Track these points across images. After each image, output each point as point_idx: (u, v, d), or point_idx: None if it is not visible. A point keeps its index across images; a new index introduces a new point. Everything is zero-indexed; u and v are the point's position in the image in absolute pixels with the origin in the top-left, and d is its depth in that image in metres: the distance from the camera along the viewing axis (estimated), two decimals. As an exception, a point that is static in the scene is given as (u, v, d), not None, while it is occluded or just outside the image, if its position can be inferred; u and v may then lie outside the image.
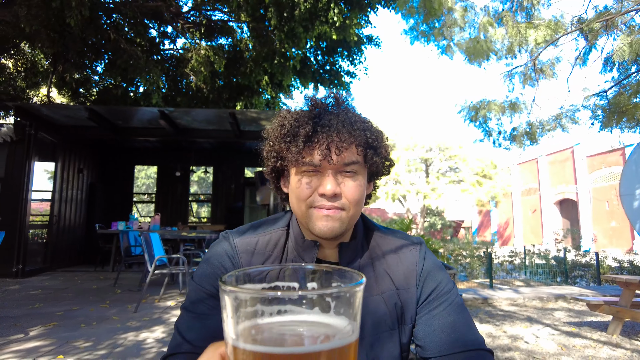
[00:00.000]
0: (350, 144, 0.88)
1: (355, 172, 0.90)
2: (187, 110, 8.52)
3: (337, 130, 0.87)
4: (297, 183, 0.90)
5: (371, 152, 0.91)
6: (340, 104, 0.95)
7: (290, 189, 0.95)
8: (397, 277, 0.94)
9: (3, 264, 7.66)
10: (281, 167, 0.96)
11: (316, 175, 0.89)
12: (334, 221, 0.87)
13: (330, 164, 0.87)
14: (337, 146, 0.86)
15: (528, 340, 4.54)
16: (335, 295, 0.30)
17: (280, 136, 0.91)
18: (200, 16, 9.30)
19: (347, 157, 0.87)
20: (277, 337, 0.30)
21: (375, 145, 0.92)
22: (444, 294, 0.93)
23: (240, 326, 0.30)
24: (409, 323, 0.92)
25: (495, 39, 8.81)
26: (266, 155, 0.97)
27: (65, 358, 3.43)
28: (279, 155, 0.94)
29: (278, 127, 0.93)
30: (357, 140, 0.88)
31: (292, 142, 0.89)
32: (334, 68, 10.41)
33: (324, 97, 0.96)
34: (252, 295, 0.30)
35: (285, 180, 0.99)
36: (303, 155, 0.87)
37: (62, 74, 9.08)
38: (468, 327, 0.89)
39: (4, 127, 8.32)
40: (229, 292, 0.30)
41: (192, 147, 11.40)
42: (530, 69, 9.12)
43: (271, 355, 0.28)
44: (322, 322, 0.30)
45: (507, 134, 9.66)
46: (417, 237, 1.04)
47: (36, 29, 6.81)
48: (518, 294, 7.30)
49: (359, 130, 0.89)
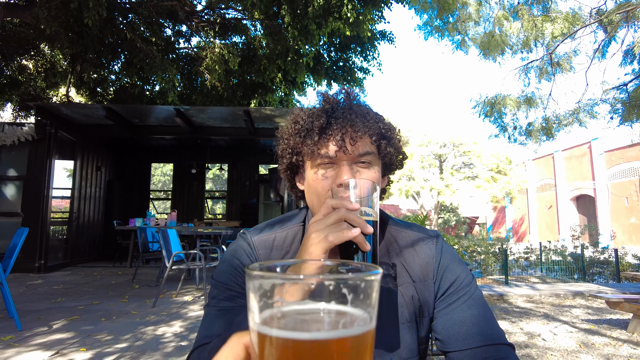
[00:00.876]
0: (364, 133, 0.89)
1: (370, 163, 0.91)
2: (202, 108, 8.61)
3: (351, 121, 0.88)
4: (314, 176, 0.91)
5: (385, 142, 0.93)
6: (352, 99, 0.96)
7: (306, 184, 0.96)
8: (413, 271, 0.94)
9: (26, 260, 7.86)
10: (296, 163, 0.97)
11: (332, 167, 0.90)
12: None
13: (345, 155, 0.88)
14: (352, 136, 0.88)
15: (545, 338, 4.49)
16: (352, 285, 0.31)
17: (295, 132, 0.93)
18: (214, 15, 9.37)
19: (362, 147, 0.89)
20: (301, 323, 0.31)
21: (388, 135, 0.94)
22: (463, 287, 0.92)
23: (264, 312, 0.31)
24: (427, 316, 0.92)
25: (510, 33, 8.69)
26: (281, 154, 0.99)
27: (87, 351, 3.52)
28: (294, 151, 0.95)
29: (292, 123, 0.95)
30: (371, 130, 0.90)
31: (307, 136, 0.90)
32: (347, 64, 10.39)
33: (335, 93, 0.97)
34: (276, 281, 0.31)
35: (301, 177, 1.00)
36: (318, 148, 0.89)
37: (80, 73, 9.26)
38: (488, 321, 0.88)
39: (26, 126, 8.52)
40: (255, 277, 0.31)
41: (208, 145, 11.52)
42: (547, 62, 8.96)
43: (296, 341, 0.29)
44: (341, 310, 0.31)
45: (523, 129, 9.52)
46: (434, 230, 1.02)
47: (56, 30, 6.94)
48: (534, 290, 7.21)
49: (372, 120, 0.91)
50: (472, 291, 0.92)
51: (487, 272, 10.19)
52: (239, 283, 0.91)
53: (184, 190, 12.47)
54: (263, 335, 0.30)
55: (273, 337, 0.30)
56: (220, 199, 17.19)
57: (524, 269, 10.89)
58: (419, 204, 26.60)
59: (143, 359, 3.38)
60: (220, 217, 18.89)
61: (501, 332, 0.87)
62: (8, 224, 8.30)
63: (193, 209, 12.40)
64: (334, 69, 10.37)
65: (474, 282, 0.94)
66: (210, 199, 19.88)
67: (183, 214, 12.10)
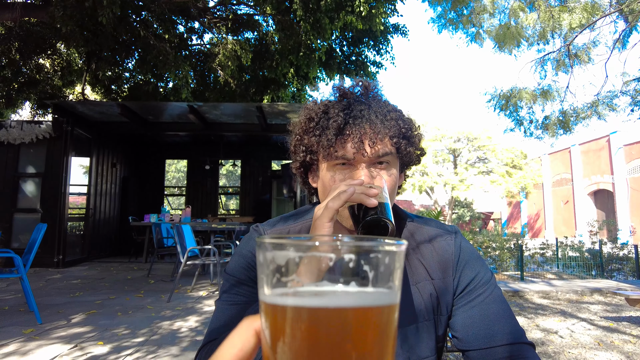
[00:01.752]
0: (384, 135, 0.85)
1: (388, 164, 0.88)
2: (215, 104, 8.65)
3: (370, 122, 0.84)
4: (330, 179, 0.88)
5: (405, 142, 0.89)
6: (369, 91, 0.92)
7: (320, 184, 0.92)
8: (431, 267, 0.91)
9: (45, 255, 8.03)
10: (310, 161, 0.93)
11: (348, 169, 0.87)
12: None
13: (364, 157, 0.84)
14: (371, 138, 0.84)
15: (562, 335, 4.42)
16: (373, 259, 0.28)
17: (309, 129, 0.90)
18: (226, 11, 9.38)
19: (381, 149, 0.85)
20: (314, 293, 0.28)
21: (408, 135, 0.90)
22: (482, 285, 0.90)
23: (274, 280, 0.29)
24: (445, 314, 0.90)
25: (526, 25, 8.52)
26: (294, 150, 0.96)
27: (105, 345, 3.57)
28: (308, 150, 0.91)
29: (306, 120, 0.91)
30: (391, 132, 0.86)
31: (322, 135, 0.86)
32: (359, 58, 10.31)
33: (351, 86, 0.93)
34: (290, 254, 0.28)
35: (314, 175, 0.97)
36: (335, 149, 0.85)
37: (95, 71, 9.37)
38: (508, 319, 0.85)
39: (43, 124, 8.67)
40: (267, 249, 0.29)
41: (221, 141, 11.59)
42: (564, 54, 8.78)
43: (311, 309, 0.27)
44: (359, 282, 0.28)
45: (539, 123, 9.35)
46: (452, 226, 1.00)
47: (71, 28, 7.03)
48: (550, 286, 7.10)
49: (392, 120, 0.87)
50: (492, 288, 0.90)
51: (502, 268, 10.06)
52: (251, 277, 0.89)
53: (197, 186, 12.58)
54: (274, 305, 0.28)
55: (287, 307, 0.27)
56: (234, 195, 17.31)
57: (539, 265, 10.73)
58: (433, 199, 26.41)
59: (160, 353, 3.42)
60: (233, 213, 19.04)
61: (521, 330, 0.85)
62: (27, 220, 8.48)
63: (207, 204, 12.51)
64: (347, 63, 10.31)
65: (493, 279, 0.92)
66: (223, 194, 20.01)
67: (197, 210, 12.21)
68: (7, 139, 8.55)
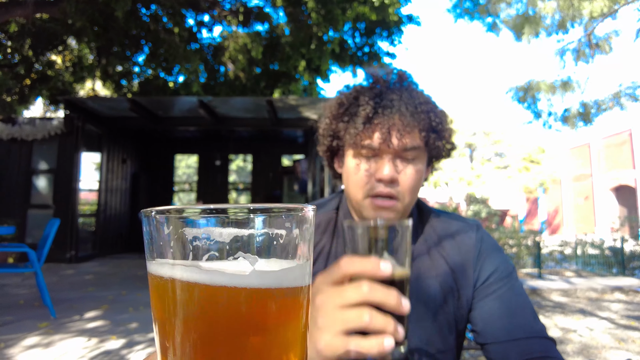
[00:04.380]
0: (413, 128, 0.83)
1: (414, 157, 0.86)
2: (225, 98, 8.58)
3: (400, 113, 0.82)
4: (354, 168, 0.87)
5: (434, 136, 0.87)
6: (403, 80, 0.90)
7: (345, 172, 0.92)
8: (453, 261, 0.91)
9: (58, 251, 8.09)
10: (337, 147, 0.93)
11: (374, 158, 0.86)
12: (389, 212, 0.85)
13: (390, 148, 0.83)
14: (399, 130, 0.82)
15: (582, 333, 4.28)
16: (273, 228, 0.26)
17: (338, 115, 0.89)
18: (236, 3, 9.30)
19: (409, 142, 0.83)
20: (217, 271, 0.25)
21: (439, 128, 0.88)
22: (503, 278, 0.88)
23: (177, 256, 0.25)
24: (465, 307, 0.89)
25: (545, 14, 8.23)
26: (322, 133, 0.95)
27: (118, 339, 3.63)
28: (336, 135, 0.91)
29: (336, 104, 0.91)
30: (421, 125, 0.84)
31: (351, 122, 0.86)
32: (372, 50, 10.12)
33: (386, 73, 0.92)
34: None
35: (340, 161, 0.96)
36: (362, 137, 0.84)
37: (105, 67, 9.40)
38: (528, 313, 0.83)
39: (55, 120, 8.73)
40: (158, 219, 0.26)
41: (231, 136, 11.55)
42: (585, 44, 8.48)
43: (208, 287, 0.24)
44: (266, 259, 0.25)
45: (558, 116, 9.08)
46: (473, 220, 0.98)
47: (83, 24, 7.06)
48: (569, 284, 6.95)
49: (423, 112, 0.84)
50: (513, 282, 0.88)
51: (519, 265, 9.86)
52: None
53: (208, 181, 12.58)
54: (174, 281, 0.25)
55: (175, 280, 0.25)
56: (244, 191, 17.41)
57: (558, 263, 10.48)
58: (448, 195, 26.07)
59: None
60: (245, 209, 19.03)
61: (542, 325, 0.83)
62: (40, 216, 8.56)
63: (217, 200, 12.50)
64: (359, 54, 10.14)
65: (514, 272, 0.90)
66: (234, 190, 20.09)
67: (208, 206, 12.22)
68: (20, 135, 8.62)
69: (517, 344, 0.79)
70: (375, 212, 0.85)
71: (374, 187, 0.84)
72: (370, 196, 0.85)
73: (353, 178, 0.87)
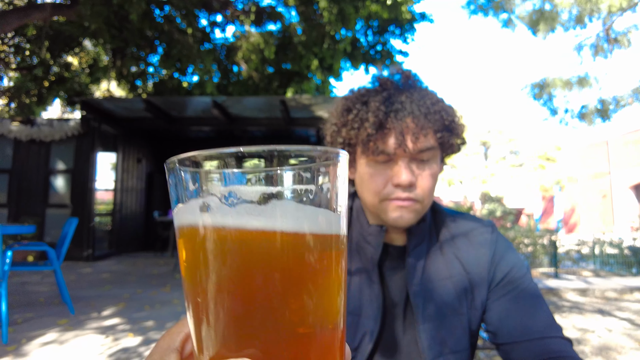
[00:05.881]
0: (427, 129, 0.82)
1: (429, 158, 0.85)
2: (238, 98, 8.62)
3: (412, 115, 0.81)
4: (370, 175, 0.86)
5: (448, 134, 0.86)
6: (409, 79, 0.89)
7: (359, 178, 0.90)
8: (467, 261, 0.90)
9: (76, 249, 8.23)
10: (348, 153, 0.88)
11: (388, 163, 0.84)
12: (409, 212, 0.84)
13: (405, 153, 0.81)
14: (414, 133, 0.81)
15: (600, 334, 4.19)
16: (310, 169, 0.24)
17: (347, 121, 0.87)
18: (248, 3, 9.34)
19: (424, 144, 0.82)
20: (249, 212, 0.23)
21: (452, 127, 0.87)
22: (517, 278, 0.88)
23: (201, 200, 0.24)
24: (479, 308, 0.88)
25: (562, 8, 8.09)
26: (330, 140, 0.93)
27: (135, 336, 3.68)
28: (346, 142, 0.89)
29: (343, 111, 0.89)
30: (435, 126, 0.83)
31: (361, 128, 0.84)
32: (385, 48, 10.06)
33: (390, 74, 0.90)
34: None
35: (351, 166, 0.94)
36: (375, 144, 0.82)
37: (120, 67, 9.54)
38: (544, 313, 0.83)
39: (72, 121, 8.89)
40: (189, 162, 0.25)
41: (244, 136, 11.59)
42: (603, 39, 8.31)
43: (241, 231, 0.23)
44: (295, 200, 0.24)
45: (575, 112, 8.91)
46: (488, 220, 0.98)
47: (99, 26, 7.16)
48: (587, 284, 6.82)
49: (436, 113, 0.83)
50: (527, 282, 0.88)
51: (535, 265, 9.72)
52: None
53: (222, 181, 12.66)
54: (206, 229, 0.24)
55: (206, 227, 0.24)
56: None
57: (575, 262, 10.29)
58: (463, 194, 25.82)
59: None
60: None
61: (558, 325, 0.82)
62: (59, 215, 8.72)
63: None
64: (372, 53, 10.09)
65: (528, 273, 0.90)
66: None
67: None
68: (38, 136, 8.80)
69: (533, 344, 0.78)
70: (395, 213, 0.84)
71: (392, 192, 0.83)
72: (389, 199, 0.84)
73: (369, 184, 0.86)
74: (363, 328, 0.85)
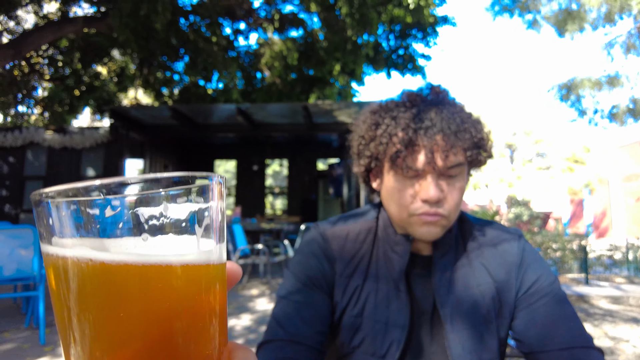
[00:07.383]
0: (457, 147, 0.82)
1: (457, 174, 0.85)
2: (262, 105, 8.73)
3: (443, 133, 0.81)
4: (397, 190, 0.86)
5: (477, 151, 0.86)
6: (438, 94, 0.89)
7: (385, 190, 0.91)
8: (494, 270, 0.91)
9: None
10: (375, 166, 0.92)
11: (416, 178, 0.84)
12: (436, 227, 0.85)
13: (434, 170, 0.82)
14: (443, 150, 0.81)
15: (635, 344, 4.03)
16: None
17: (375, 136, 0.88)
18: (271, 10, 9.47)
19: (453, 161, 0.83)
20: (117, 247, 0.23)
21: (481, 144, 0.87)
22: (545, 287, 0.88)
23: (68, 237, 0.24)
24: (507, 317, 0.89)
25: (590, 7, 7.88)
26: (357, 153, 0.94)
27: None
28: (374, 157, 0.89)
29: (372, 125, 0.89)
30: (465, 144, 0.83)
31: (390, 143, 0.84)
32: (407, 52, 10.03)
33: (419, 89, 0.91)
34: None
35: (378, 177, 0.95)
36: (404, 160, 0.83)
37: (147, 76, 9.80)
38: (573, 323, 0.82)
39: (101, 129, 9.19)
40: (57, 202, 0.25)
41: (268, 141, 11.73)
42: (635, 36, 8.04)
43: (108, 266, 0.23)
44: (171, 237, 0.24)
45: (605, 112, 8.65)
46: (515, 229, 0.98)
47: (127, 37, 7.39)
48: (620, 291, 6.58)
49: (466, 131, 0.84)
50: (556, 291, 0.88)
51: (564, 270, 9.44)
52: (309, 275, 0.91)
53: (246, 186, 12.83)
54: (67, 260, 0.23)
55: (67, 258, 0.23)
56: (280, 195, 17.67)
57: (607, 268, 9.95)
58: (489, 197, 25.33)
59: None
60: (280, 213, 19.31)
61: (588, 335, 0.82)
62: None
63: (255, 204, 12.72)
64: (394, 57, 10.07)
65: (557, 281, 0.90)
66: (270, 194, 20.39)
67: (245, 210, 12.46)
68: (70, 144, 9.14)
69: (563, 354, 0.78)
70: (423, 228, 0.85)
71: (419, 207, 0.84)
72: (417, 215, 0.85)
73: (396, 199, 0.87)
74: (390, 337, 0.86)
